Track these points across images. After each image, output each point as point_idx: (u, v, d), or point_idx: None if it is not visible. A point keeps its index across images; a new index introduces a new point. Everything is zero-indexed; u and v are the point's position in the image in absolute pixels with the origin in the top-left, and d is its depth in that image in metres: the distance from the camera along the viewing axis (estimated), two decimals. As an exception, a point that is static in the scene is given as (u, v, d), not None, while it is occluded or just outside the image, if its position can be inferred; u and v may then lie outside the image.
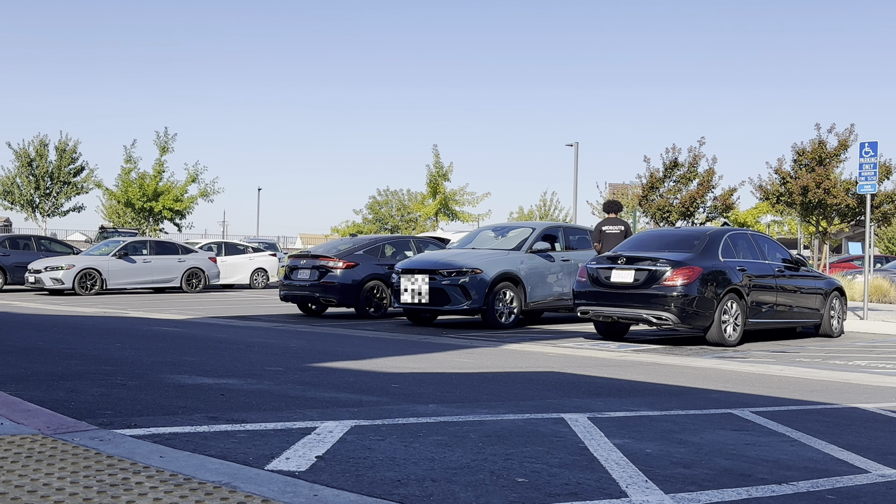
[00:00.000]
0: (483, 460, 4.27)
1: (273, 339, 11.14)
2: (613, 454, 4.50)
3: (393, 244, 16.24)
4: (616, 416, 5.74)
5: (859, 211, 26.23)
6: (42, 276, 21.26)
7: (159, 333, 11.50)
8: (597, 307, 11.56)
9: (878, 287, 21.88)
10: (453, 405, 6.00)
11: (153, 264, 22.98)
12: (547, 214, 61.49)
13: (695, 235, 12.02)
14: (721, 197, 27.70)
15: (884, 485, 4.12)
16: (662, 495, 3.72)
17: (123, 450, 4.01)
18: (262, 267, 27.62)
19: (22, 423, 4.55)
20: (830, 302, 13.12)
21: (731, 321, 11.23)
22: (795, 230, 50.44)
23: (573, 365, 8.94)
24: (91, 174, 43.23)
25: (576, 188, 39.04)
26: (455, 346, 10.66)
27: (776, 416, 5.94)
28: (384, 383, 7.06)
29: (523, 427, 5.22)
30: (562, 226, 15.33)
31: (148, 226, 38.94)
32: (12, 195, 42.44)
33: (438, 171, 43.72)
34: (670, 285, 10.89)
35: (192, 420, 5.11)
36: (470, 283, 12.98)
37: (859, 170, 15.78)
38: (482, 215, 45.92)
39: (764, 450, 4.79)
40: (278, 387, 6.65)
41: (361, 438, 4.68)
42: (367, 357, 9.13)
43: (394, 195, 60.63)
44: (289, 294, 15.72)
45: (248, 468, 3.82)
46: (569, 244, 14.81)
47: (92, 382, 6.59)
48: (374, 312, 15.20)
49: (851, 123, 29.09)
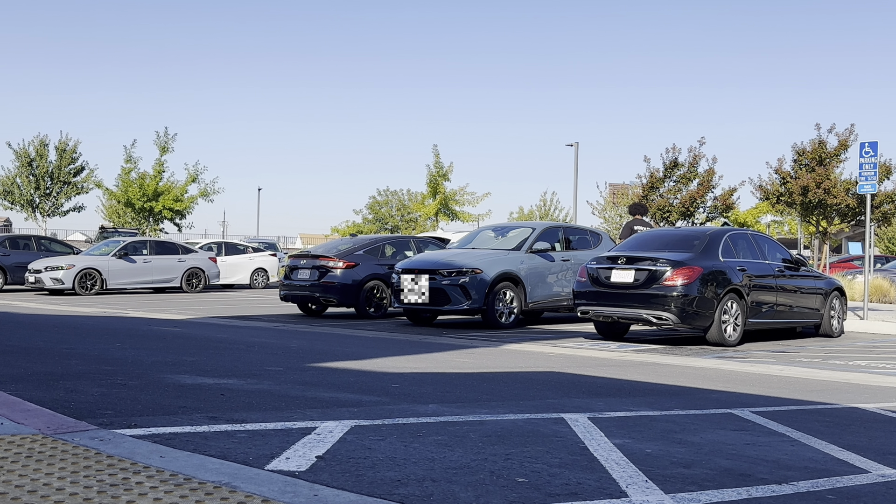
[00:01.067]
0: (483, 460, 4.27)
1: (273, 339, 11.14)
2: (613, 454, 4.50)
3: (393, 244, 16.24)
4: (616, 416, 5.74)
5: (859, 211, 26.23)
6: (42, 276, 21.26)
7: (159, 333, 11.50)
8: (597, 307, 11.56)
9: (878, 287, 21.88)
10: (453, 405, 6.00)
11: (153, 264, 22.98)
12: (547, 214, 61.48)
13: (695, 235, 12.02)
14: (721, 197, 27.70)
15: (884, 485, 4.12)
16: (662, 495, 3.72)
17: (123, 450, 4.01)
18: (262, 267, 27.61)
19: (22, 423, 4.55)
20: (830, 302, 13.12)
21: (732, 321, 11.22)
22: (795, 230, 50.45)
23: (573, 365, 8.94)
24: (91, 174, 43.25)
25: (576, 188, 39.05)
26: (455, 346, 10.66)
27: (776, 416, 5.93)
28: (384, 383, 7.06)
29: (523, 427, 5.22)
30: (562, 226, 15.33)
31: (148, 226, 38.94)
32: (12, 195, 42.44)
33: (438, 171, 43.72)
34: (670, 285, 10.89)
35: (192, 420, 5.11)
36: (470, 283, 12.98)
37: (859, 170, 15.78)
38: (482, 215, 45.95)
39: (764, 450, 4.79)
40: (278, 387, 6.65)
41: (361, 438, 4.68)
42: (367, 357, 9.13)
43: (394, 195, 60.62)
44: (289, 294, 15.72)
45: (248, 468, 3.82)
46: (569, 244, 14.81)
47: (92, 382, 6.59)
48: (374, 312, 15.20)
49: (851, 123, 29.13)
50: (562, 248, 14.61)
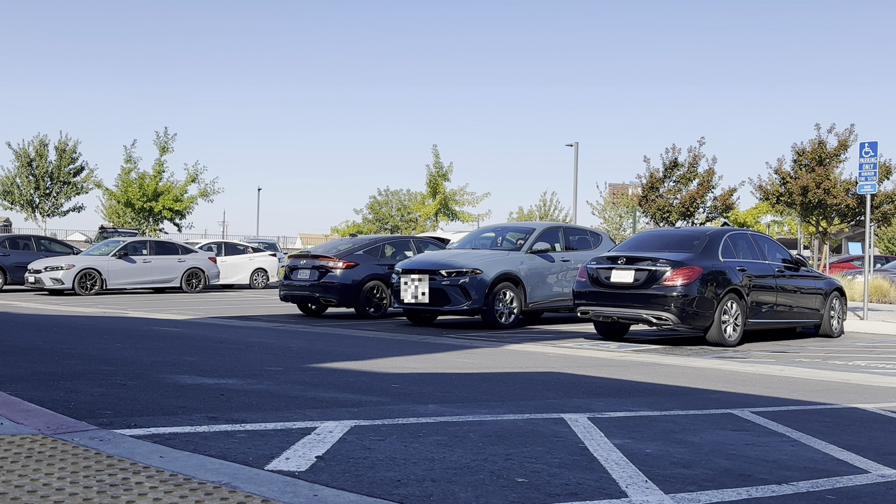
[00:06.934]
0: (483, 460, 4.27)
1: (273, 339, 11.14)
2: (613, 454, 4.50)
3: (393, 244, 16.24)
4: (616, 417, 5.74)
5: (859, 211, 26.22)
6: (42, 276, 21.26)
7: (159, 333, 11.50)
8: (597, 307, 11.56)
9: (878, 287, 21.88)
10: (453, 405, 6.00)
11: (153, 264, 22.98)
12: (547, 214, 61.45)
13: (695, 235, 12.02)
14: (721, 197, 27.68)
15: (884, 485, 4.12)
16: (662, 495, 3.72)
17: (123, 450, 4.01)
18: (262, 267, 27.61)
19: (22, 423, 4.55)
20: (830, 302, 13.12)
21: (731, 321, 11.23)
22: (795, 230, 50.44)
23: (573, 365, 8.94)
24: (91, 174, 43.26)
25: (576, 188, 39.05)
26: (455, 346, 10.66)
27: (776, 417, 5.94)
28: (384, 383, 7.05)
29: (523, 427, 5.22)
30: (562, 226, 15.32)
31: (148, 226, 38.94)
32: (12, 195, 42.44)
33: (438, 171, 43.72)
34: (670, 285, 10.89)
35: (192, 420, 5.11)
36: (470, 283, 12.98)
37: (859, 170, 15.79)
38: (482, 215, 45.93)
39: (764, 450, 4.79)
40: (278, 387, 6.65)
41: (361, 438, 4.68)
42: (367, 357, 9.13)
43: (394, 195, 60.61)
44: (289, 294, 15.72)
45: (248, 468, 3.82)
46: (569, 244, 14.81)
47: (92, 382, 6.59)
48: (374, 312, 15.19)
49: (851, 123, 29.10)
50: (562, 248, 14.61)
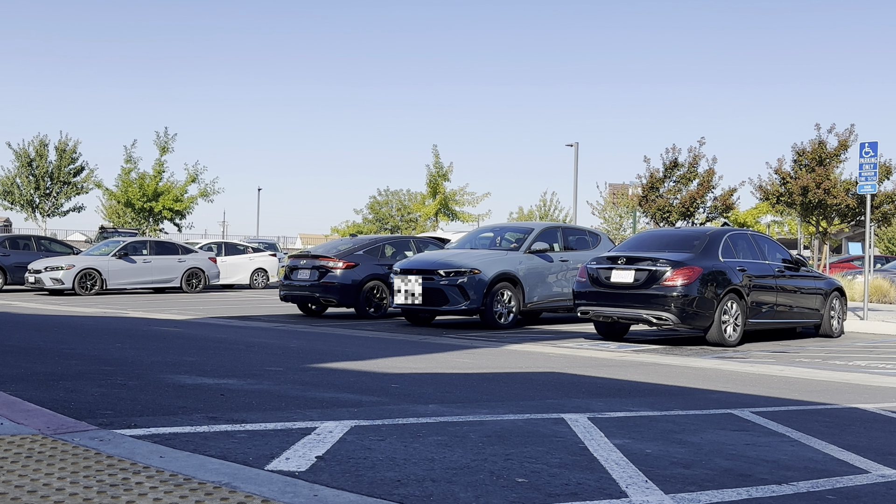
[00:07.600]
0: (483, 460, 4.27)
1: (273, 339, 11.14)
2: (613, 454, 4.50)
3: (393, 244, 16.24)
4: (616, 417, 5.74)
5: (859, 211, 26.21)
6: (42, 276, 21.26)
7: (159, 333, 11.50)
8: (597, 307, 11.56)
9: (878, 287, 21.88)
10: (453, 405, 6.00)
11: (153, 264, 22.98)
12: (547, 214, 61.45)
13: (695, 235, 12.02)
14: (721, 197, 27.68)
15: (884, 485, 4.12)
16: (662, 495, 3.72)
17: (123, 450, 4.01)
18: (262, 267, 27.61)
19: (22, 423, 4.55)
20: (830, 302, 13.12)
21: (731, 321, 11.22)
22: (795, 230, 50.44)
23: (573, 365, 8.93)
24: (91, 174, 43.24)
25: (576, 188, 39.04)
26: (455, 346, 10.66)
27: (776, 417, 5.93)
28: (384, 383, 7.05)
29: (523, 427, 5.22)
30: (561, 226, 15.32)
31: (148, 226, 38.93)
32: (12, 195, 42.43)
33: (438, 171, 43.73)
34: (670, 285, 10.89)
35: (192, 420, 5.11)
36: (468, 283, 12.98)
37: (859, 170, 15.78)
38: (482, 215, 45.96)
39: (764, 450, 4.79)
40: (278, 387, 6.65)
41: (361, 438, 4.68)
42: (367, 357, 9.12)
43: (394, 195, 60.65)
44: (289, 294, 15.72)
45: (248, 468, 3.82)
46: (567, 244, 14.81)
47: (92, 382, 6.59)
48: (373, 313, 15.19)
49: (851, 123, 29.10)
50: (560, 248, 14.61)
